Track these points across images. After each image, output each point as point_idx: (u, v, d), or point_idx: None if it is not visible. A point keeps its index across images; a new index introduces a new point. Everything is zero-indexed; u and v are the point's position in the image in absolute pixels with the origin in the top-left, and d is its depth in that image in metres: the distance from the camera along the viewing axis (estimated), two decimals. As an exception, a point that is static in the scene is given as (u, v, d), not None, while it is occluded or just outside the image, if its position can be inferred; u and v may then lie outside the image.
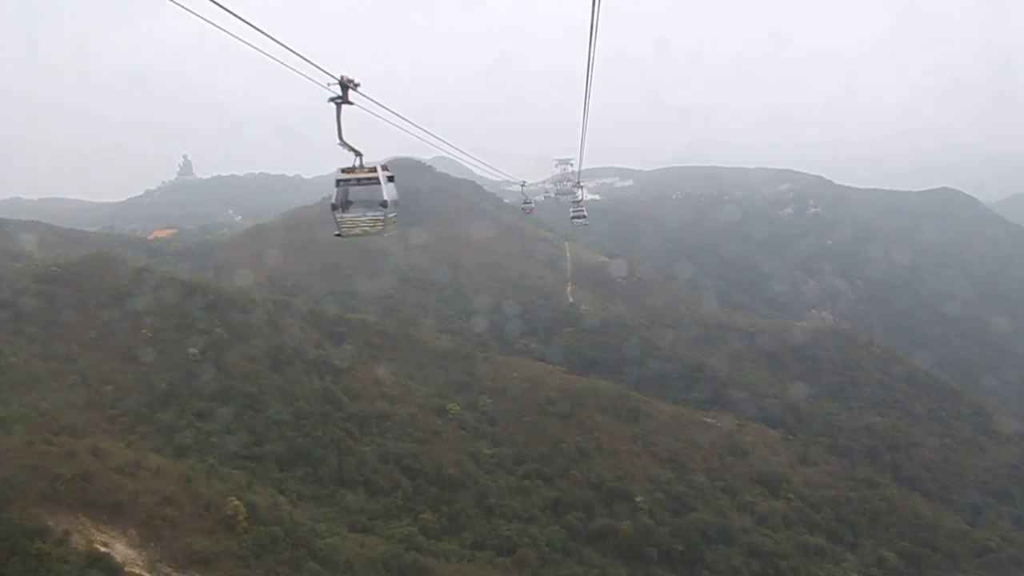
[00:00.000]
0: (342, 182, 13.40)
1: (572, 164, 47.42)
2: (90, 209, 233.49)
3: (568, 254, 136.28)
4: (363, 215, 13.48)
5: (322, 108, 12.24)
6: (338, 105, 11.81)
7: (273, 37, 9.81)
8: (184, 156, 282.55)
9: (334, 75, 11.45)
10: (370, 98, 12.45)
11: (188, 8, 9.55)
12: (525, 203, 48.73)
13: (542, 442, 63.66)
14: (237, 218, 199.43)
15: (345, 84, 11.61)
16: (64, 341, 62.97)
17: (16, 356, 59.25)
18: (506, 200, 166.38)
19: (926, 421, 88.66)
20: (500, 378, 74.24)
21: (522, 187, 46.68)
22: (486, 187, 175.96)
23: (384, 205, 13.35)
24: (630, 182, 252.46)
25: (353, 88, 11.75)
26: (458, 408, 66.13)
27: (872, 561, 55.77)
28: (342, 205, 13.44)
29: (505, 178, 55.03)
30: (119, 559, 33.82)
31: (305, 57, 10.79)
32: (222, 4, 8.85)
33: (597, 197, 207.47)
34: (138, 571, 34.03)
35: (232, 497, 41.59)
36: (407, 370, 73.35)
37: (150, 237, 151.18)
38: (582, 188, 44.48)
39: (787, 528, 57.43)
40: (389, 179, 13.63)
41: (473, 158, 27.40)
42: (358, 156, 13.05)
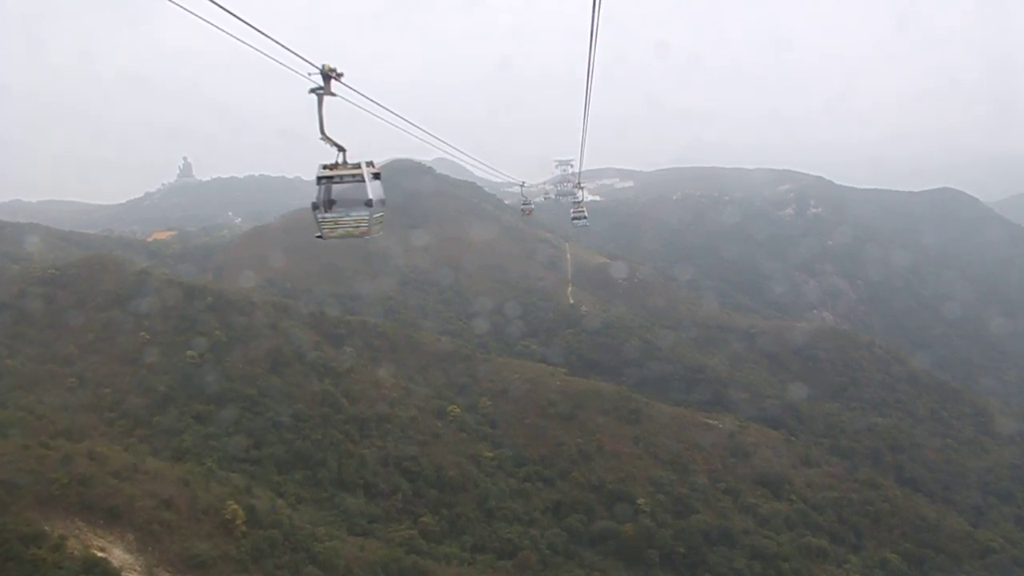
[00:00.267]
0: (324, 179, 12.55)
1: (572, 165, 47.03)
2: (90, 211, 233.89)
3: (568, 255, 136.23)
4: (346, 215, 12.63)
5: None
6: (320, 96, 11.06)
7: (261, 30, 9.33)
8: (184, 158, 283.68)
9: (316, 64, 10.67)
10: (355, 89, 11.64)
11: (188, 8, 9.21)
12: (524, 204, 48.36)
13: (543, 444, 63.46)
14: (237, 220, 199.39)
15: (327, 74, 10.83)
16: (63, 343, 62.79)
17: (14, 358, 59.13)
18: (506, 201, 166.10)
19: (928, 422, 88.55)
20: (501, 380, 74.03)
21: (522, 188, 46.38)
22: (487, 188, 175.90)
23: (369, 204, 12.47)
24: (630, 183, 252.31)
25: (336, 78, 10.96)
26: (458, 410, 65.98)
27: (875, 563, 55.45)
28: (324, 204, 12.60)
29: (506, 179, 54.74)
30: (116, 564, 33.55)
31: (290, 49, 9.99)
32: (222, 4, 8.57)
33: (597, 198, 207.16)
34: (135, 576, 33.78)
35: (231, 500, 41.39)
36: (407, 372, 73.16)
37: (150, 239, 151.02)
38: (582, 189, 44.12)
39: (789, 530, 57.19)
40: (375, 176, 12.75)
41: (473, 159, 27.20)
42: (341, 151, 12.29)
